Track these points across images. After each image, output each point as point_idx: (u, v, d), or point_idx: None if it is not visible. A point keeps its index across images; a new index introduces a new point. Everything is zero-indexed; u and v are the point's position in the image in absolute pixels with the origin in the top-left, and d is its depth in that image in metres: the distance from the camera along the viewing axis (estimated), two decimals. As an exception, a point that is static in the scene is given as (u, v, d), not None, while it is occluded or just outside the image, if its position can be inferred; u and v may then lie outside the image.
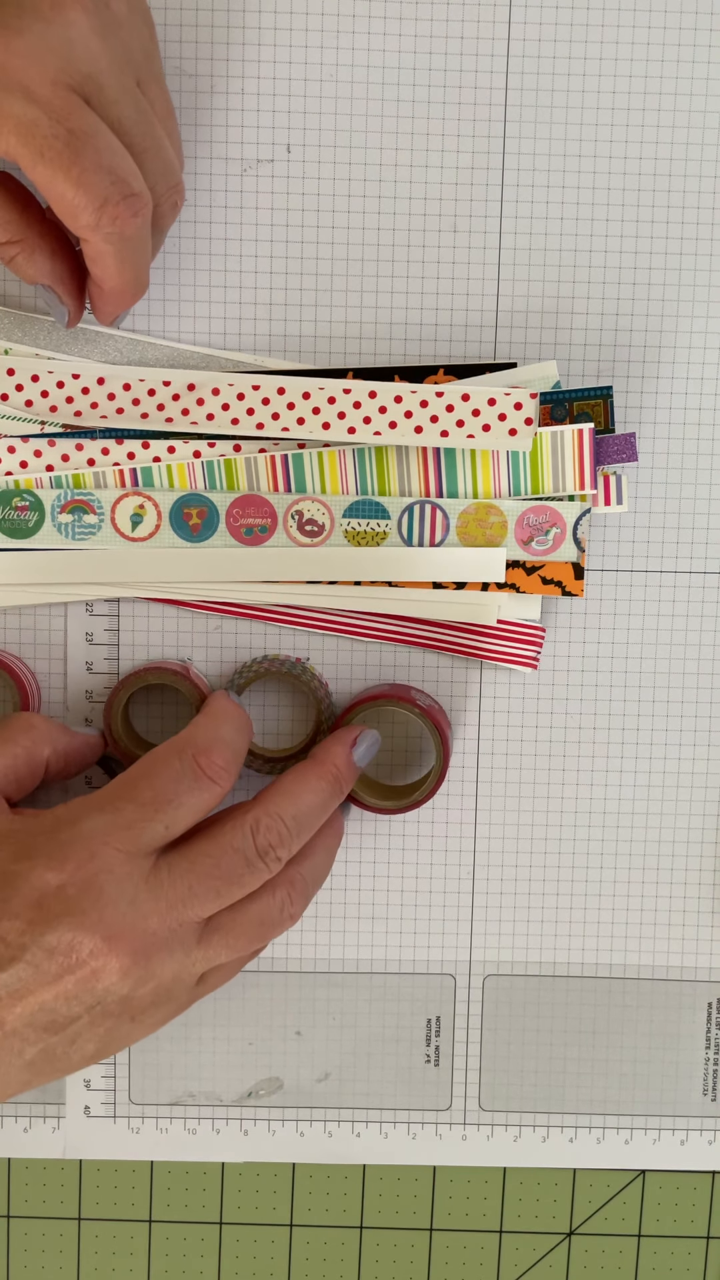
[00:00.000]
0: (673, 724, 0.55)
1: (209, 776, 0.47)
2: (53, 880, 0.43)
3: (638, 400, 0.53)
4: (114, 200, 0.43)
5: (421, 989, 0.56)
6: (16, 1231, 0.58)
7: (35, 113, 0.42)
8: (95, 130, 0.43)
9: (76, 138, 0.42)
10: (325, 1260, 0.58)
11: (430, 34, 0.51)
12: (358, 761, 0.51)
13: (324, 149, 0.52)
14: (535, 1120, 0.57)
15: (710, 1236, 0.58)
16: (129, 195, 0.43)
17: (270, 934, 0.48)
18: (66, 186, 0.42)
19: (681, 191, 0.52)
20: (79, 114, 0.42)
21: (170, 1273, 0.58)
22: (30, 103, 0.42)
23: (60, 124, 0.42)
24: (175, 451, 0.52)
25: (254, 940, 0.47)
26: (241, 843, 0.47)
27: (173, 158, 0.47)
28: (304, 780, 0.49)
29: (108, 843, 0.44)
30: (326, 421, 0.51)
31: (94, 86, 0.43)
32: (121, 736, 0.52)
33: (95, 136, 0.43)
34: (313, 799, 0.49)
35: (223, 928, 0.47)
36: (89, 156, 0.42)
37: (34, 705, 0.53)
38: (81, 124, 0.42)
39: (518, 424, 0.50)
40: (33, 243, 0.46)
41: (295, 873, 0.49)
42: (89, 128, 0.42)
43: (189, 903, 0.45)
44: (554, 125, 0.52)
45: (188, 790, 0.46)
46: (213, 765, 0.47)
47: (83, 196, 0.43)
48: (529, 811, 0.55)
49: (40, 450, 0.51)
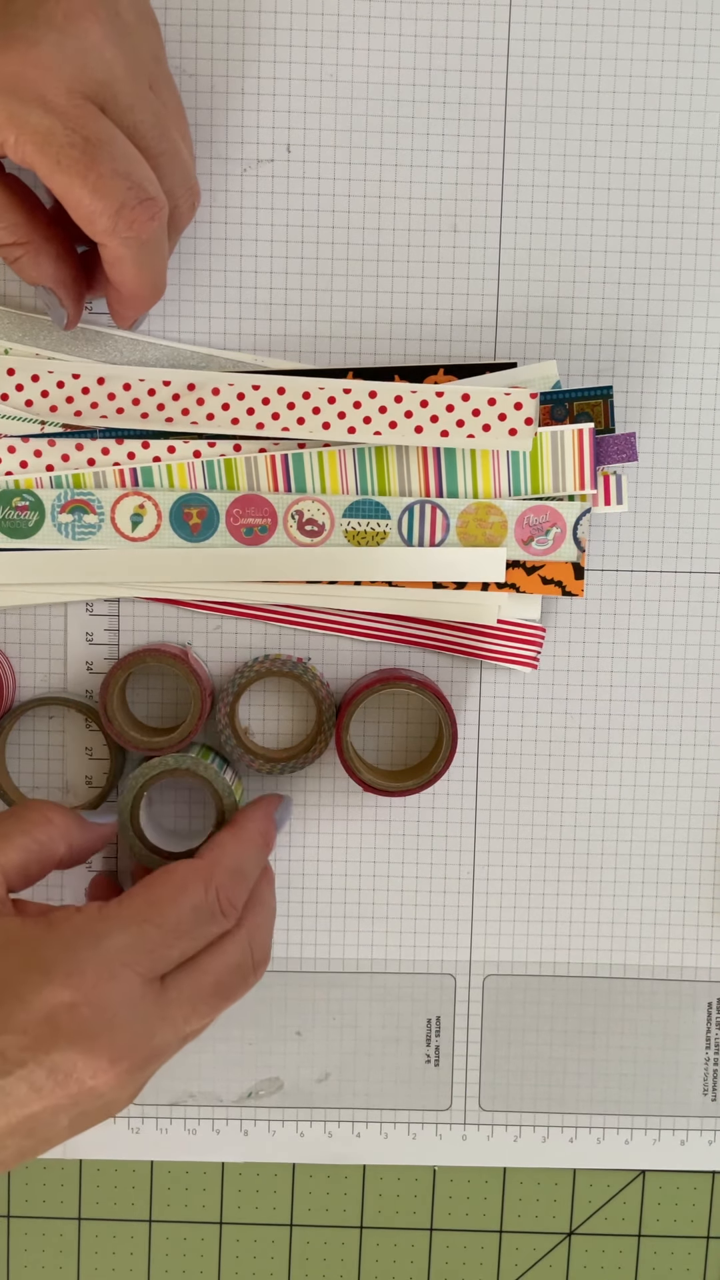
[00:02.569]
0: (673, 724, 0.55)
1: (224, 914, 0.46)
2: (66, 998, 0.42)
3: (638, 400, 0.53)
4: (130, 205, 0.43)
5: (421, 989, 0.56)
6: (16, 1231, 0.58)
7: (51, 122, 0.42)
8: (111, 137, 0.43)
9: (92, 145, 0.42)
10: (325, 1260, 0.58)
11: (430, 34, 0.51)
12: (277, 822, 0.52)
13: (324, 149, 0.52)
14: (535, 1120, 0.57)
15: (710, 1236, 0.58)
16: (145, 200, 0.44)
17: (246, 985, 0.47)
18: (84, 193, 0.43)
19: (681, 191, 0.52)
20: (94, 122, 0.43)
21: (170, 1273, 0.58)
22: (47, 112, 0.42)
23: (76, 132, 0.42)
24: (175, 451, 0.52)
25: (230, 999, 0.47)
26: (240, 956, 0.46)
27: (188, 160, 0.47)
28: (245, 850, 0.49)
29: (127, 964, 0.43)
30: (326, 421, 0.51)
31: (109, 94, 0.43)
32: (117, 717, 0.52)
33: (111, 143, 0.43)
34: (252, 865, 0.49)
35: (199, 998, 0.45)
36: (105, 163, 0.43)
37: (10, 699, 0.53)
38: (97, 131, 0.43)
39: (518, 424, 0.50)
40: (38, 245, 0.46)
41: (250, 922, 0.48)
42: (104, 135, 0.43)
43: (191, 1020, 0.45)
44: (554, 125, 0.52)
45: (205, 924, 0.45)
46: (231, 905, 0.46)
47: (100, 202, 0.43)
48: (529, 811, 0.55)
49: (40, 450, 0.51)
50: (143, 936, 0.44)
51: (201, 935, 0.45)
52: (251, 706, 0.55)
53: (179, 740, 0.52)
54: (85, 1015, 0.42)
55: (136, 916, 0.44)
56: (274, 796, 0.53)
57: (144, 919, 0.44)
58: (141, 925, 0.44)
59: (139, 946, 0.43)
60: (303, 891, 0.55)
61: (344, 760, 0.52)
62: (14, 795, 0.54)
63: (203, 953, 0.46)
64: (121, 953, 0.43)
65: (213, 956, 0.46)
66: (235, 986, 0.46)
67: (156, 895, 0.45)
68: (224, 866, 0.47)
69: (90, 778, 0.55)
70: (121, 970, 0.43)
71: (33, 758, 0.55)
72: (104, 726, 0.52)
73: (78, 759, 0.54)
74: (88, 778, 0.55)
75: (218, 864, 0.47)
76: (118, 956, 0.43)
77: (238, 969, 0.46)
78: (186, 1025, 0.45)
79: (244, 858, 0.48)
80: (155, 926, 0.44)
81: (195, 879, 0.46)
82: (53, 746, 0.55)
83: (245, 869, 0.48)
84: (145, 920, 0.44)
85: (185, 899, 0.45)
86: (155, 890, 0.45)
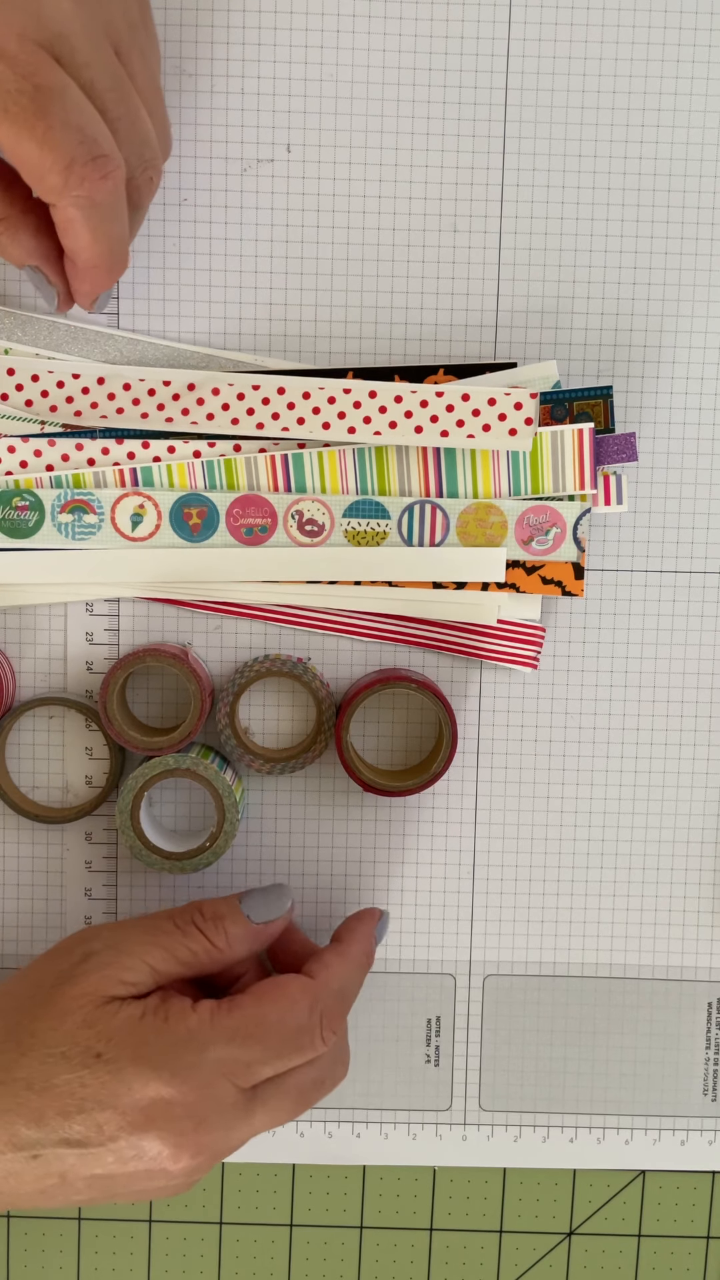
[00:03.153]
0: (673, 724, 0.55)
1: (324, 1041, 0.48)
2: (165, 1094, 0.45)
3: (638, 400, 0.53)
4: (81, 160, 0.41)
5: (421, 989, 0.56)
6: (16, 1231, 0.58)
7: (1, 68, 0.40)
8: (63, 88, 0.41)
9: (43, 94, 0.41)
10: (325, 1260, 0.58)
11: (430, 34, 0.51)
12: (377, 937, 0.53)
13: (324, 149, 0.52)
14: (535, 1120, 0.57)
15: (710, 1236, 0.58)
16: (98, 156, 0.42)
17: (322, 1095, 0.49)
18: (31, 145, 0.41)
19: (681, 191, 0.52)
20: (47, 70, 0.41)
21: (170, 1273, 0.58)
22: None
23: (27, 80, 0.40)
24: (175, 451, 0.52)
25: (306, 1107, 0.49)
26: (324, 1072, 0.49)
27: (149, 131, 0.45)
28: (352, 975, 0.51)
29: (225, 1075, 0.45)
30: (326, 421, 0.51)
31: (65, 46, 0.41)
32: (117, 717, 0.52)
33: (63, 94, 0.41)
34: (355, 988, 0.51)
35: (281, 1108, 0.48)
36: (56, 114, 0.41)
37: (9, 699, 0.53)
38: (49, 80, 0.41)
39: (518, 424, 0.50)
40: (16, 220, 0.45)
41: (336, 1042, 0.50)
42: (57, 84, 0.41)
43: (269, 1125, 0.47)
44: (554, 125, 0.52)
45: (305, 1049, 0.47)
46: (332, 1032, 0.48)
47: (49, 156, 0.41)
48: (529, 811, 0.55)
49: (40, 450, 0.51)
50: (245, 1051, 0.46)
51: (299, 1058, 0.47)
52: (251, 706, 0.55)
53: (179, 740, 0.52)
54: (178, 1113, 0.45)
55: (242, 1032, 0.46)
56: (374, 911, 0.53)
57: (249, 1035, 0.46)
58: (245, 1042, 0.46)
59: (239, 1060, 0.46)
60: (303, 892, 0.55)
61: (344, 760, 0.52)
62: (14, 795, 0.54)
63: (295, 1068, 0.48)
64: (222, 1064, 0.45)
65: (301, 1071, 0.48)
66: (313, 1098, 0.48)
67: (265, 1014, 0.47)
68: (330, 990, 0.49)
69: (90, 778, 0.55)
70: (218, 1080, 0.45)
71: (33, 758, 0.55)
72: (104, 726, 0.52)
73: (78, 759, 0.54)
74: (88, 778, 0.55)
75: (326, 986, 0.49)
76: (219, 1068, 0.45)
77: (319, 1084, 0.48)
78: (263, 1128, 0.47)
79: (349, 980, 0.50)
80: (259, 1045, 0.46)
81: (304, 1000, 0.47)
82: (53, 746, 0.55)
83: (348, 992, 0.50)
84: (250, 1037, 0.46)
85: (291, 1019, 0.47)
86: (265, 1007, 0.47)
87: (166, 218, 0.52)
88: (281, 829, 0.55)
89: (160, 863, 0.52)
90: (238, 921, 0.49)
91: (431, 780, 0.52)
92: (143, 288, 0.52)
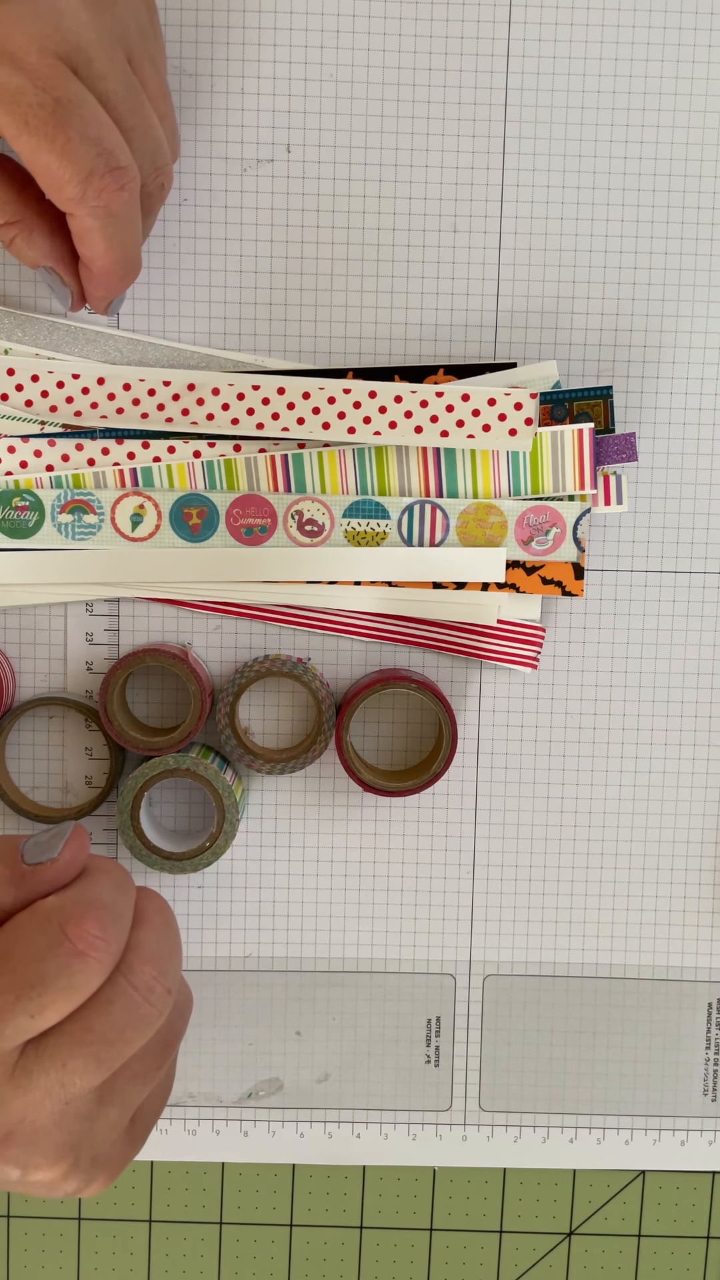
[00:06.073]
0: (673, 724, 0.55)
1: (81, 950, 0.37)
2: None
3: (638, 400, 0.53)
4: (100, 172, 0.42)
5: (421, 989, 0.56)
6: (16, 1231, 0.58)
7: (21, 80, 0.40)
8: (82, 100, 0.41)
9: (63, 106, 0.41)
10: (325, 1260, 0.58)
11: (430, 34, 0.51)
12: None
13: (324, 149, 0.52)
14: (535, 1120, 0.57)
15: (710, 1236, 0.58)
16: (115, 168, 0.42)
17: (146, 1023, 0.39)
18: (51, 157, 0.41)
19: (681, 191, 0.52)
20: (66, 83, 0.41)
21: (170, 1273, 0.58)
22: (16, 70, 0.40)
23: (46, 92, 0.41)
24: (175, 451, 0.52)
25: (124, 1044, 0.38)
26: (117, 994, 0.39)
27: (162, 138, 0.46)
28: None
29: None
30: (326, 421, 0.51)
31: (82, 58, 0.42)
32: (117, 717, 0.52)
33: (82, 106, 0.41)
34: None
35: (70, 1054, 0.38)
36: (75, 126, 0.41)
37: (9, 699, 0.53)
38: (68, 93, 0.41)
39: (518, 424, 0.50)
40: (30, 223, 0.45)
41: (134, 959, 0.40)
42: (76, 97, 0.41)
43: (68, 1082, 0.37)
44: (554, 125, 0.52)
45: (56, 971, 0.37)
46: (85, 935, 0.37)
47: (68, 168, 0.41)
48: (529, 811, 0.55)
49: (40, 450, 0.51)
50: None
51: (57, 987, 0.37)
52: (251, 706, 0.55)
53: (179, 740, 0.52)
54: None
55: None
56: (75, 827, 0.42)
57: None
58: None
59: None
60: (303, 892, 0.55)
61: (344, 760, 0.52)
62: (14, 795, 0.54)
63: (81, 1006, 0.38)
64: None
65: (94, 1011, 0.38)
66: (126, 1028, 0.38)
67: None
68: (68, 899, 0.39)
69: (90, 778, 0.55)
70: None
71: (33, 758, 0.55)
72: (104, 726, 0.52)
73: (78, 759, 0.54)
74: (88, 778, 0.55)
75: (61, 899, 0.39)
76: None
77: (120, 1008, 0.38)
78: (64, 1089, 0.37)
79: (93, 889, 0.40)
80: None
81: (31, 920, 0.38)
82: (53, 746, 0.55)
83: (100, 898, 0.39)
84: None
85: (21, 947, 0.37)
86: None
87: (166, 218, 0.52)
88: (281, 829, 0.55)
89: (160, 863, 0.52)
90: (5, 860, 0.39)
91: (431, 780, 0.52)
92: (143, 288, 0.52)
